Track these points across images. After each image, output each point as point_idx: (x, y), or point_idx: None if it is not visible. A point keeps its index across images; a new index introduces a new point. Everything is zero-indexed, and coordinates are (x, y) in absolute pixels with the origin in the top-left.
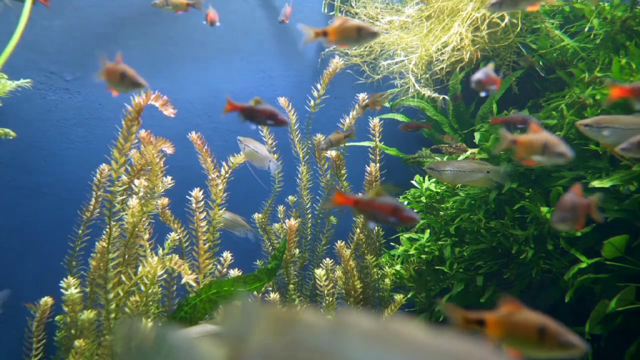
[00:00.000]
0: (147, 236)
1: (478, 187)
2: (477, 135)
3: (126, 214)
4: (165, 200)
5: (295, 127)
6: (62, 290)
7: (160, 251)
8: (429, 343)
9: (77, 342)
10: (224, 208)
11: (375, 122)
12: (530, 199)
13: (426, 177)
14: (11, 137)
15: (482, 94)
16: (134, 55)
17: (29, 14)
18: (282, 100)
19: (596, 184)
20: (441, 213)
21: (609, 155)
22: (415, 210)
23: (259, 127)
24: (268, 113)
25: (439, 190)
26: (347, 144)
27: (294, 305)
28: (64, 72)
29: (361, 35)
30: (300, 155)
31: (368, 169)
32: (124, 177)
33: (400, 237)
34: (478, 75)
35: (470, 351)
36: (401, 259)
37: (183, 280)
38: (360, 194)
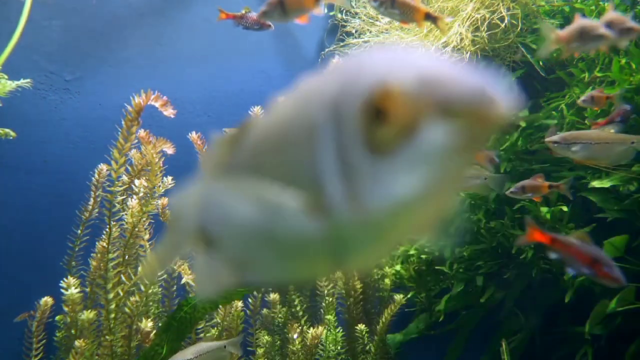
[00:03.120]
0: (147, 236)
1: None
2: None
3: (126, 214)
4: (166, 201)
5: None
6: (62, 290)
7: None
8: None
9: (77, 342)
10: None
11: None
12: (530, 199)
13: None
14: (11, 137)
15: None
16: (133, 55)
17: (28, 14)
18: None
19: (596, 184)
20: None
21: None
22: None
23: None
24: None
25: None
26: None
27: (293, 305)
28: (64, 72)
29: None
30: None
31: None
32: (124, 177)
33: None
34: None
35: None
36: (401, 259)
37: (183, 280)
38: (560, 234)
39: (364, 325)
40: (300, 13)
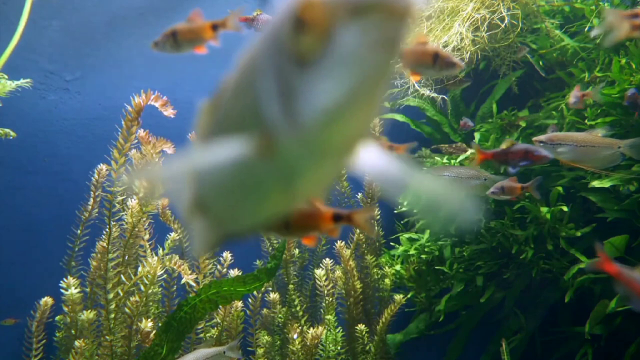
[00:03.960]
0: (147, 236)
1: None
2: (477, 136)
3: (126, 214)
4: (166, 201)
5: None
6: (62, 291)
7: (160, 251)
8: None
9: (77, 342)
10: None
11: (375, 122)
12: (530, 199)
13: None
14: (11, 137)
15: None
16: (133, 55)
17: (29, 14)
18: None
19: (596, 184)
20: None
21: None
22: (414, 211)
23: None
24: (522, 153)
25: None
26: None
27: (293, 305)
28: (64, 72)
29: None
30: None
31: None
32: (124, 177)
33: (400, 237)
34: None
35: None
36: (401, 259)
37: (183, 281)
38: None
39: (364, 325)
40: (195, 44)
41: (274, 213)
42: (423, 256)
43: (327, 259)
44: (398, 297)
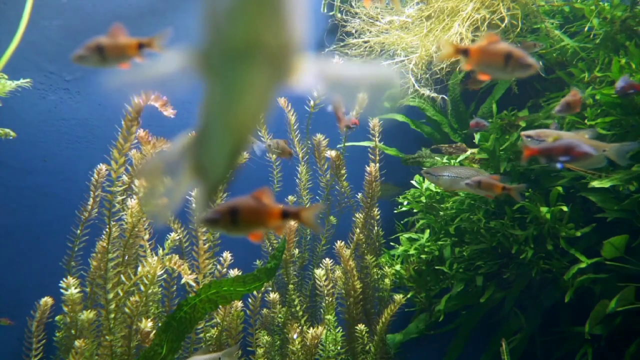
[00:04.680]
0: (147, 236)
1: None
2: (477, 136)
3: (126, 214)
4: (166, 201)
5: (295, 127)
6: (62, 291)
7: (160, 251)
8: None
9: (77, 342)
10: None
11: (374, 122)
12: (529, 199)
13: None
14: (11, 137)
15: None
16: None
17: (29, 14)
18: (282, 101)
19: (596, 184)
20: (441, 213)
21: None
22: (415, 210)
23: (258, 125)
24: (563, 149)
25: (438, 190)
26: (346, 144)
27: (293, 305)
28: (64, 72)
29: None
30: (300, 156)
31: (368, 169)
32: (125, 177)
33: (400, 237)
34: None
35: None
36: (401, 259)
37: (183, 280)
38: None
39: (363, 325)
40: (121, 60)
41: (234, 142)
42: (423, 256)
43: (327, 259)
44: (398, 297)
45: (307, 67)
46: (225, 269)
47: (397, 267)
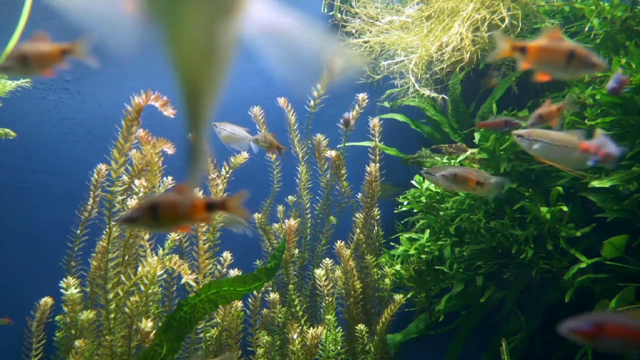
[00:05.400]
0: (147, 236)
1: None
2: (477, 135)
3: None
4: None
5: (295, 127)
6: (62, 291)
7: (160, 251)
8: None
9: (77, 342)
10: None
11: (374, 122)
12: (530, 199)
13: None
14: (11, 137)
15: None
16: (133, 55)
17: (29, 13)
18: (282, 101)
19: (596, 184)
20: (441, 213)
21: None
22: (415, 210)
23: (257, 125)
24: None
25: (438, 190)
26: (347, 144)
27: (293, 305)
28: (64, 72)
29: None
30: (300, 156)
31: (368, 169)
32: (125, 177)
33: (400, 237)
34: None
35: None
36: (401, 259)
37: (183, 280)
38: None
39: (363, 325)
40: (45, 68)
41: (186, 88)
42: (423, 256)
43: (327, 259)
44: (398, 297)
45: (253, 11)
46: (225, 269)
47: (397, 267)
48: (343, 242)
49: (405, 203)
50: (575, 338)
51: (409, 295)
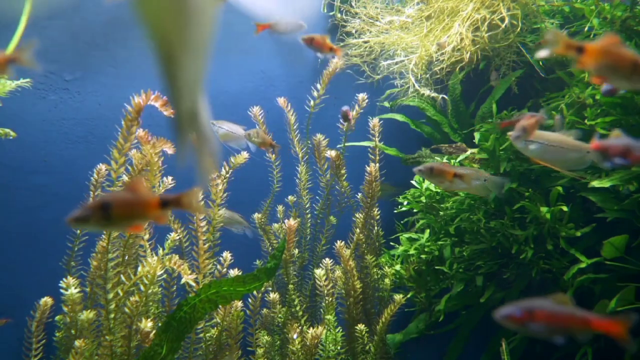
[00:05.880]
0: (147, 236)
1: None
2: (477, 135)
3: None
4: None
5: (295, 127)
6: (62, 291)
7: (160, 251)
8: None
9: (77, 342)
10: (224, 207)
11: (374, 122)
12: (530, 199)
13: None
14: (11, 137)
15: None
16: (133, 55)
17: (29, 14)
18: (282, 101)
19: (596, 184)
20: (441, 213)
21: None
22: (415, 210)
23: (257, 125)
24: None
25: (438, 190)
26: (347, 144)
27: (293, 305)
28: (64, 72)
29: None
30: (300, 156)
31: (368, 169)
32: (125, 177)
33: (400, 237)
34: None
35: None
36: (401, 259)
37: (183, 280)
38: None
39: (363, 325)
40: None
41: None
42: (423, 256)
43: (327, 259)
44: (398, 297)
45: None
46: (225, 269)
47: (397, 267)
48: (343, 242)
49: (405, 203)
50: (509, 324)
51: (409, 295)
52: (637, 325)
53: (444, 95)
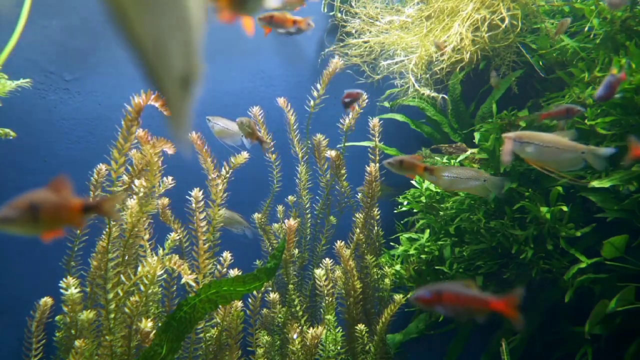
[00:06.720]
0: (147, 236)
1: None
2: (476, 135)
3: (125, 214)
4: (166, 201)
5: (295, 127)
6: (62, 291)
7: (160, 251)
8: None
9: (77, 342)
10: (224, 207)
11: (374, 122)
12: (529, 199)
13: None
14: (11, 137)
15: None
16: None
17: (28, 14)
18: (282, 101)
19: (596, 184)
20: (441, 213)
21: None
22: (415, 210)
23: (258, 126)
24: None
25: (438, 190)
26: (347, 144)
27: (293, 305)
28: (64, 72)
29: None
30: (300, 155)
31: (368, 169)
32: (125, 177)
33: (400, 237)
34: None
35: None
36: (401, 259)
37: (183, 280)
38: None
39: (363, 325)
40: None
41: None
42: (423, 256)
43: (327, 259)
44: (398, 297)
45: None
46: (225, 269)
47: (397, 267)
48: (343, 242)
49: (405, 203)
50: (420, 305)
51: (409, 295)
52: (637, 325)
53: (444, 95)
